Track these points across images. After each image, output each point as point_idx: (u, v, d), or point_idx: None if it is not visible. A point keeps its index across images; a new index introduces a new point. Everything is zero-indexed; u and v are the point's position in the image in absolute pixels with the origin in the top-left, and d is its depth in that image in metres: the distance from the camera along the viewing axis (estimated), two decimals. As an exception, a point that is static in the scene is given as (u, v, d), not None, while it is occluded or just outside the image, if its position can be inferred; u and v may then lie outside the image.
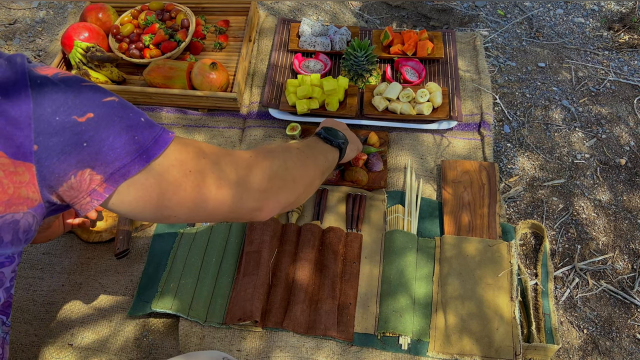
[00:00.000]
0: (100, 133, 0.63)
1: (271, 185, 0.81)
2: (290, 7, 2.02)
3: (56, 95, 0.61)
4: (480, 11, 2.16)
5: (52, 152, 0.61)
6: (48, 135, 0.60)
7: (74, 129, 0.61)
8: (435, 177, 1.41)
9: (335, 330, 1.13)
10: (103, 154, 0.63)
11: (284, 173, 0.84)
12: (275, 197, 0.82)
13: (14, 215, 0.62)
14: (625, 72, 1.86)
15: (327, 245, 1.25)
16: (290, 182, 0.85)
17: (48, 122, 0.60)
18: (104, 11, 1.70)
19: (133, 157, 0.65)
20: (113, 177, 0.64)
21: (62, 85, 0.62)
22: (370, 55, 1.50)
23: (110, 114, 0.64)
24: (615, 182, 1.56)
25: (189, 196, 0.71)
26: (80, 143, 0.62)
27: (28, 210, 0.63)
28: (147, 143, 0.66)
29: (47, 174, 0.61)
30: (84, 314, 1.20)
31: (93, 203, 0.65)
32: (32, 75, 0.62)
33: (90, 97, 0.64)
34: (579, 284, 1.38)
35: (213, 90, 1.51)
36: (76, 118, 0.62)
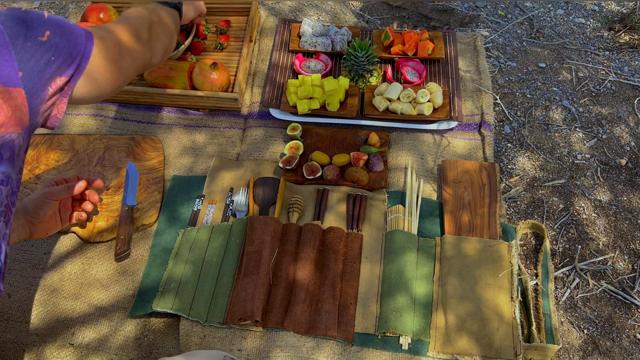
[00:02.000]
0: (58, 44, 0.78)
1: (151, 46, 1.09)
2: (291, 7, 2.02)
3: (19, 25, 0.74)
4: (480, 11, 2.16)
5: (33, 73, 0.74)
6: (26, 61, 0.73)
7: (42, 47, 0.75)
8: (435, 177, 1.41)
9: (335, 330, 1.13)
10: (64, 56, 0.79)
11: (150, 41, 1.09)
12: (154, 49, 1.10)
13: (12, 134, 0.72)
14: (626, 73, 1.86)
15: (328, 245, 1.25)
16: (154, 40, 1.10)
17: (23, 49, 0.73)
18: (105, 11, 1.70)
19: (82, 50, 0.83)
20: (75, 74, 0.83)
21: (17, 14, 0.75)
22: (370, 56, 1.50)
23: (57, 26, 0.79)
24: (615, 182, 1.56)
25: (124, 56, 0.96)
26: (50, 58, 0.77)
27: (21, 131, 0.74)
28: (86, 34, 0.85)
29: (34, 94, 0.75)
30: (85, 314, 1.21)
31: (63, 100, 0.83)
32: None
33: (37, 18, 0.77)
34: (580, 284, 1.38)
35: (214, 90, 1.51)
36: (40, 39, 0.75)
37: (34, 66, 0.74)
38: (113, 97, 1.58)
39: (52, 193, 1.10)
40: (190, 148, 1.49)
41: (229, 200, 1.36)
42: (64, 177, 1.16)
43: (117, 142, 1.49)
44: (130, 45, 1.00)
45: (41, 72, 0.75)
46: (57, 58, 0.78)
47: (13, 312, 1.21)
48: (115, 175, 1.42)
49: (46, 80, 0.76)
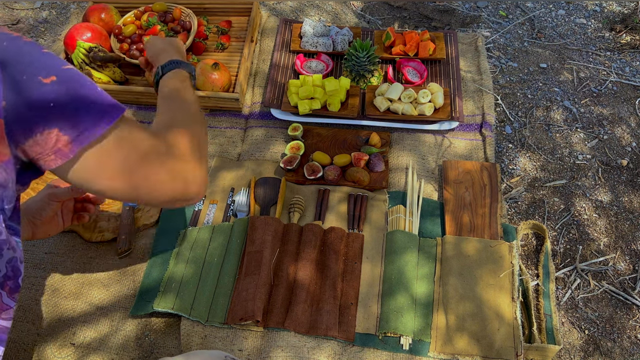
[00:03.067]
0: (64, 96, 0.67)
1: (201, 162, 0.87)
2: (292, 7, 2.02)
3: (23, 57, 0.66)
4: (482, 12, 2.16)
5: (19, 108, 0.65)
6: (16, 92, 0.64)
7: (40, 88, 0.66)
8: (436, 178, 1.41)
9: (336, 330, 1.13)
10: (69, 115, 0.67)
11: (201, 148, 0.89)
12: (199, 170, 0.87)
13: None
14: (627, 73, 1.86)
15: (329, 245, 1.25)
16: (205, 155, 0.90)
17: (15, 80, 0.64)
18: (106, 11, 1.70)
19: (96, 120, 0.70)
20: (79, 139, 0.69)
21: (27, 48, 0.68)
22: (372, 56, 1.50)
23: (72, 79, 0.69)
24: (616, 183, 1.56)
25: (133, 165, 0.76)
26: (47, 103, 0.66)
27: (1, 164, 0.66)
28: (105, 106, 0.71)
29: (15, 128, 0.65)
30: (86, 313, 1.21)
31: (57, 161, 0.69)
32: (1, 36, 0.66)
33: (52, 62, 0.69)
34: (580, 284, 1.38)
35: (215, 90, 1.51)
36: (41, 79, 0.66)
37: (22, 102, 0.65)
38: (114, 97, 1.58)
39: (55, 194, 1.10)
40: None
41: (230, 200, 1.36)
42: None
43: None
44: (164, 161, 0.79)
45: (30, 111, 0.65)
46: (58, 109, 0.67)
47: (14, 312, 1.21)
48: (116, 175, 1.42)
49: (34, 123, 0.66)
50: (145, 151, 0.76)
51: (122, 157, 0.74)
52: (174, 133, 0.84)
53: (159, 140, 0.79)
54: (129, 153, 0.74)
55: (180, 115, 0.93)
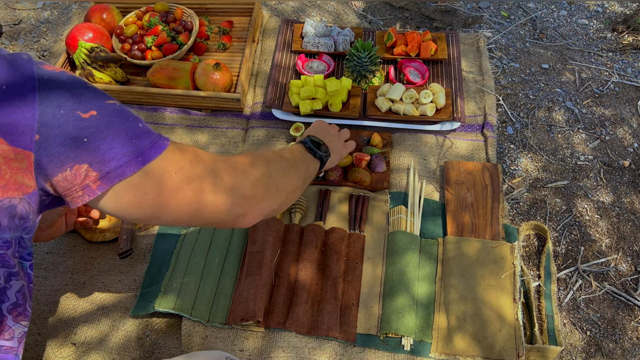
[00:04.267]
0: (101, 131, 0.65)
1: (255, 192, 0.84)
2: (293, 7, 2.02)
3: (62, 91, 0.64)
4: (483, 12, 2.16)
5: (53, 143, 0.63)
6: (51, 127, 0.62)
7: (77, 123, 0.64)
8: (438, 178, 1.41)
9: (337, 331, 1.13)
10: (102, 152, 0.65)
11: (267, 181, 0.87)
12: (259, 204, 0.85)
13: (11, 200, 0.64)
14: (629, 74, 1.86)
15: (330, 245, 1.25)
16: (273, 191, 0.88)
17: (52, 115, 0.62)
18: (108, 12, 1.70)
19: (130, 158, 0.67)
20: (109, 176, 0.66)
21: (69, 83, 0.65)
22: (373, 56, 1.50)
23: (112, 115, 0.67)
24: (618, 183, 1.56)
25: (185, 201, 0.74)
26: (81, 138, 0.64)
27: (23, 196, 0.65)
28: (144, 146, 0.68)
29: (44, 163, 0.63)
30: (87, 313, 1.21)
31: (84, 198, 0.67)
32: (40, 71, 0.64)
33: (95, 97, 0.67)
34: (582, 285, 1.37)
35: (216, 90, 1.51)
36: (80, 114, 0.64)
37: (56, 137, 0.63)
38: (116, 97, 1.58)
39: None
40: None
41: (231, 200, 1.36)
42: None
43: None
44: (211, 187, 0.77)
45: (63, 147, 0.63)
46: (92, 144, 0.65)
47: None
48: (117, 175, 1.42)
49: (66, 159, 0.64)
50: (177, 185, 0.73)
51: (155, 194, 0.71)
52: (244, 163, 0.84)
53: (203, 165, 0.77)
54: (161, 190, 0.71)
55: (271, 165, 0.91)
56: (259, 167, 0.86)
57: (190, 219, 0.77)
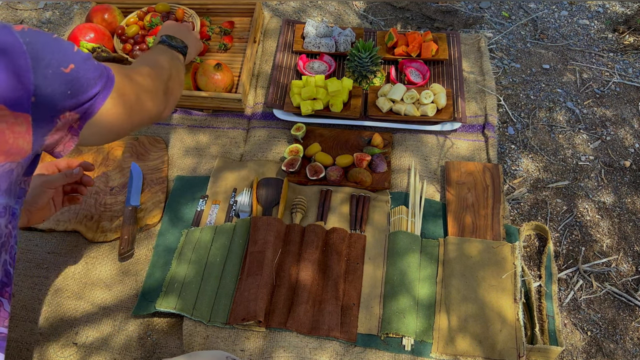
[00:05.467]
0: (79, 81, 0.73)
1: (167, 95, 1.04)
2: (294, 8, 2.02)
3: (46, 51, 0.69)
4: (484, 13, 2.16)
5: (46, 102, 0.69)
6: (43, 87, 0.68)
7: (62, 79, 0.70)
8: (439, 179, 1.41)
9: (338, 331, 1.13)
10: (79, 97, 0.74)
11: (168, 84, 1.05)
12: (172, 102, 1.06)
13: (11, 164, 0.68)
14: (630, 74, 1.86)
15: (331, 245, 1.25)
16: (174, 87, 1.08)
17: (43, 75, 0.68)
18: (109, 12, 1.71)
19: (98, 92, 0.77)
20: (87, 114, 0.77)
21: (46, 39, 0.71)
22: (374, 57, 1.50)
23: (83, 61, 0.74)
24: (619, 184, 1.56)
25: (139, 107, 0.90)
26: (66, 91, 0.71)
27: (21, 160, 0.69)
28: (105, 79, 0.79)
29: (41, 123, 0.69)
30: (88, 313, 1.21)
31: (73, 140, 0.77)
32: (22, 34, 0.68)
33: (66, 48, 0.73)
34: (583, 286, 1.37)
35: (217, 91, 1.52)
36: (63, 69, 0.70)
37: (48, 95, 0.69)
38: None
39: (49, 182, 1.10)
40: (193, 148, 1.50)
41: (232, 200, 1.36)
42: (54, 164, 1.17)
43: (121, 143, 1.49)
44: (148, 97, 0.95)
45: (54, 102, 0.71)
46: (73, 93, 0.73)
47: (17, 311, 1.22)
48: (119, 175, 1.43)
49: (56, 112, 0.72)
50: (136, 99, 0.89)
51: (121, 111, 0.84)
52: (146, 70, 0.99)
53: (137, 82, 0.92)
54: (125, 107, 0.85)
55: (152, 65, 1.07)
56: (161, 78, 1.03)
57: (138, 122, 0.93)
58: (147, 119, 0.97)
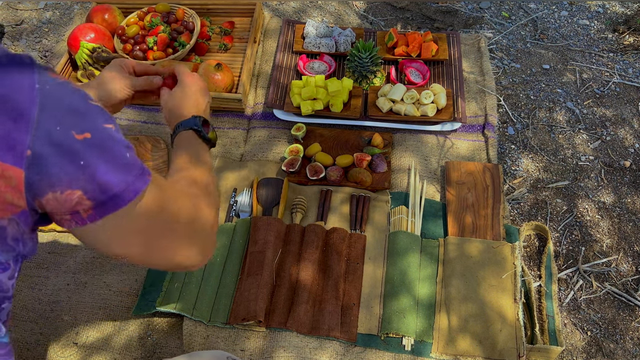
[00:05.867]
0: (95, 157, 0.60)
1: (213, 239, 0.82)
2: (294, 8, 2.03)
3: (62, 106, 0.59)
4: (484, 13, 2.16)
5: (45, 162, 0.58)
6: (45, 144, 0.57)
7: (71, 144, 0.59)
8: (439, 179, 1.41)
9: (338, 331, 1.13)
10: (97, 179, 0.60)
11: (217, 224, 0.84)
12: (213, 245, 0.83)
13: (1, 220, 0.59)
14: (630, 74, 1.86)
15: (331, 245, 1.25)
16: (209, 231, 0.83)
17: (48, 131, 0.57)
18: (109, 12, 1.71)
19: (122, 188, 0.63)
20: (104, 207, 0.62)
21: (71, 96, 0.61)
22: (374, 57, 1.50)
23: (106, 140, 0.62)
24: (619, 184, 1.56)
25: (147, 236, 0.71)
26: (77, 161, 0.59)
27: (12, 216, 0.60)
28: (132, 177, 0.64)
29: (35, 182, 0.58)
30: (89, 313, 1.21)
31: (71, 224, 0.63)
32: (43, 78, 0.59)
33: (94, 117, 0.62)
34: (583, 286, 1.38)
35: (218, 91, 1.52)
36: (74, 134, 0.59)
37: (50, 154, 0.57)
38: (117, 97, 1.59)
39: (133, 85, 1.07)
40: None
41: (232, 200, 1.37)
42: (130, 64, 1.11)
43: (122, 143, 1.49)
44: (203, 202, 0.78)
45: (56, 167, 0.58)
46: (86, 167, 0.60)
47: (18, 311, 1.22)
48: (119, 175, 1.42)
49: (59, 182, 0.59)
50: (167, 222, 0.71)
51: (142, 227, 0.68)
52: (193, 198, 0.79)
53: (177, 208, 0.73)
54: (150, 224, 0.69)
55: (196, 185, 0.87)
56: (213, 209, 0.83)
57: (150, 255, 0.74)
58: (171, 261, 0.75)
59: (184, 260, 0.76)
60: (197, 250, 0.77)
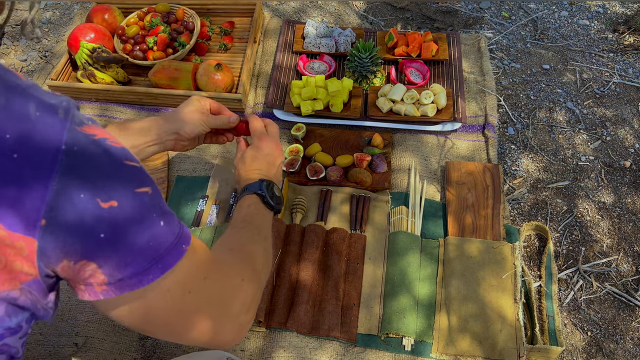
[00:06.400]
0: (120, 228, 0.54)
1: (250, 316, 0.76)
2: (294, 8, 2.03)
3: (90, 169, 0.52)
4: (484, 13, 2.16)
5: (62, 231, 0.51)
6: (62, 212, 0.50)
7: (94, 212, 0.52)
8: (439, 179, 1.41)
9: (338, 331, 1.13)
10: (116, 254, 0.54)
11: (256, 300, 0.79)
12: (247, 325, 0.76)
13: (9, 293, 0.53)
14: (630, 75, 1.86)
15: (331, 245, 1.25)
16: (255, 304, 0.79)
17: (68, 198, 0.50)
18: (109, 12, 1.71)
19: (146, 266, 0.57)
20: (119, 284, 0.56)
21: (103, 158, 0.54)
22: (374, 57, 1.50)
23: (137, 209, 0.55)
24: (619, 184, 1.56)
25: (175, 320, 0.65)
26: (97, 233, 0.52)
27: (22, 285, 0.53)
28: (162, 251, 0.58)
29: (49, 250, 0.52)
30: (89, 313, 1.21)
31: (85, 295, 0.58)
32: (73, 136, 0.52)
33: (125, 182, 0.55)
34: (583, 286, 1.38)
35: (218, 91, 1.52)
36: (99, 202, 0.52)
37: (67, 223, 0.51)
38: (117, 97, 1.59)
39: (213, 123, 1.10)
40: (194, 149, 1.50)
41: (232, 200, 1.37)
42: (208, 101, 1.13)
43: (122, 143, 1.49)
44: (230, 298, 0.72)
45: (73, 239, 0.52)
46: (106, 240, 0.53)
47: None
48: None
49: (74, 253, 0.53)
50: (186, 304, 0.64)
51: (163, 307, 0.62)
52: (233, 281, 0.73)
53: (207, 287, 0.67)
54: (170, 306, 0.62)
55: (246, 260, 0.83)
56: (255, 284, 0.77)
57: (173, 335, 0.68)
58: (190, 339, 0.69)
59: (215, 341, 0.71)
60: (232, 329, 0.72)
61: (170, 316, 0.64)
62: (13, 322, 0.56)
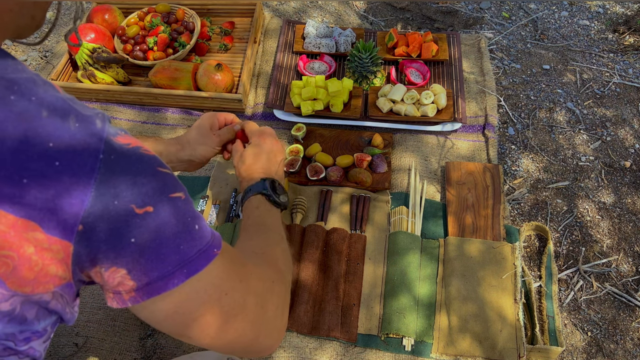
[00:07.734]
0: (151, 233, 0.55)
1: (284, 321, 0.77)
2: (295, 8, 2.03)
3: (126, 177, 0.54)
4: (484, 13, 2.16)
5: (96, 236, 0.53)
6: (99, 219, 0.52)
7: (128, 219, 0.54)
8: (439, 179, 1.41)
9: (338, 331, 1.13)
10: (145, 259, 0.56)
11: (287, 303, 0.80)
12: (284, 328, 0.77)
13: (42, 295, 0.54)
14: (630, 75, 1.86)
15: (331, 245, 1.25)
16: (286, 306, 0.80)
17: (105, 205, 0.52)
18: (110, 12, 1.71)
19: (173, 269, 0.58)
20: (146, 289, 0.58)
21: (137, 166, 0.56)
22: (374, 57, 1.50)
23: (170, 214, 0.57)
24: (619, 184, 1.56)
25: (213, 323, 0.65)
26: (128, 238, 0.54)
27: (55, 289, 0.55)
28: (191, 254, 0.59)
29: (84, 255, 0.54)
30: (89, 314, 1.21)
31: (113, 303, 0.60)
32: (110, 146, 0.54)
33: (159, 188, 0.57)
34: (583, 286, 1.38)
35: (218, 91, 1.52)
36: (134, 208, 0.54)
37: (102, 229, 0.53)
38: (117, 97, 1.59)
39: (221, 140, 1.11)
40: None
41: (232, 201, 1.37)
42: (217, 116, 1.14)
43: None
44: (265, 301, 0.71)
45: (105, 245, 0.54)
46: (136, 245, 0.55)
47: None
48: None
49: (105, 259, 0.55)
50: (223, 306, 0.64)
51: (199, 310, 0.62)
52: None
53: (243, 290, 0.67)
54: (208, 309, 0.63)
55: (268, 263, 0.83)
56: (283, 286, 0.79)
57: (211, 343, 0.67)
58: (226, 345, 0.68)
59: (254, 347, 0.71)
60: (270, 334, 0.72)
61: (207, 319, 0.63)
62: (41, 325, 0.57)
